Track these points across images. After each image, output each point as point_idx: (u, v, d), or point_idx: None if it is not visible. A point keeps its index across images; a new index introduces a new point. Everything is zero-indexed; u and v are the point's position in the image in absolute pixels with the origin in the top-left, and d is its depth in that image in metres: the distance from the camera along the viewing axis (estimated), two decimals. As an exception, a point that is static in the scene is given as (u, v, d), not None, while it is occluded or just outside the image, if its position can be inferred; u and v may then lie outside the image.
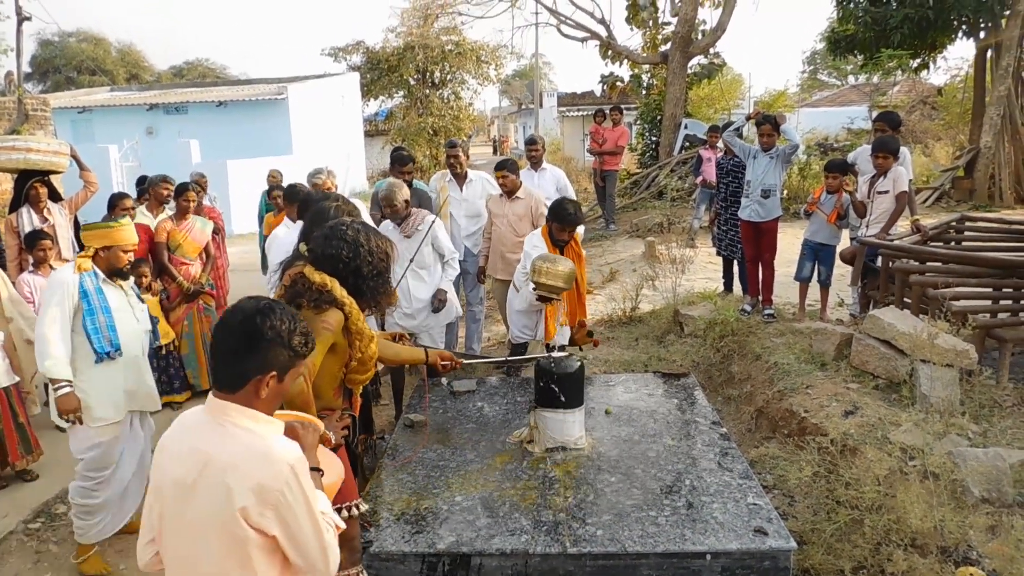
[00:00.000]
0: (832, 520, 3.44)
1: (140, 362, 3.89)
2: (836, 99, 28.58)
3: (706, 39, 15.31)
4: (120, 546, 4.10)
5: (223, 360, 1.83)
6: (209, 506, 1.75)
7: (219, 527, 1.75)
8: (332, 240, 2.80)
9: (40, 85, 38.11)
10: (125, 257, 3.82)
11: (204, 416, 1.86)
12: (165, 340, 5.93)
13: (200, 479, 1.76)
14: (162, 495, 1.85)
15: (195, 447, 1.80)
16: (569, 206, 4.76)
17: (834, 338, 5.12)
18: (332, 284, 2.73)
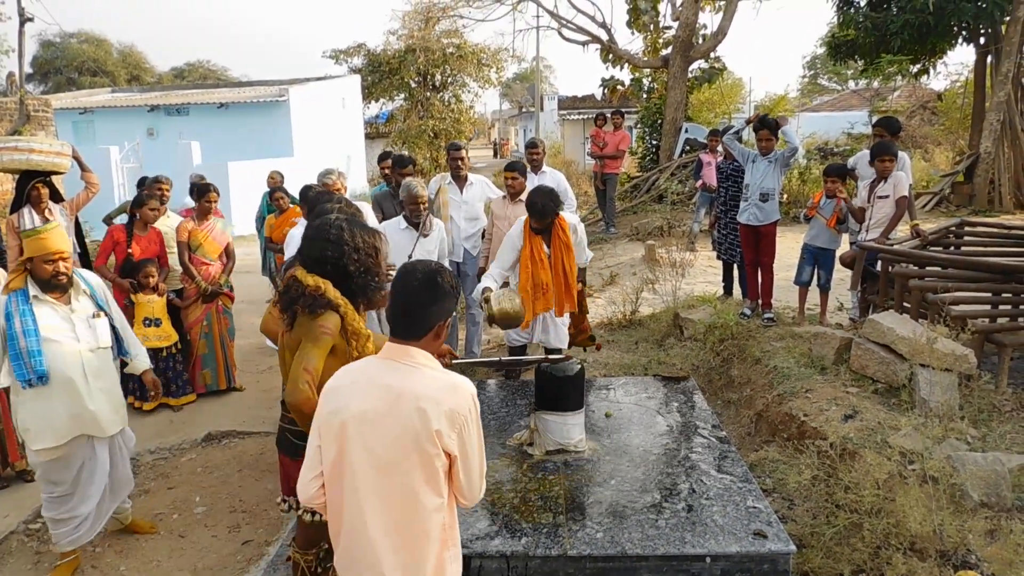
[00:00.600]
0: (831, 524, 3.45)
1: (80, 386, 3.51)
2: (836, 104, 28.63)
3: (707, 43, 15.36)
4: (120, 547, 4.12)
5: (410, 312, 2.10)
6: (404, 430, 2.00)
7: (414, 447, 2.01)
8: (316, 241, 2.77)
9: (41, 86, 38.16)
10: (50, 268, 3.48)
11: (386, 360, 2.11)
12: (167, 343, 5.94)
13: (393, 409, 2.01)
14: (344, 431, 2.06)
15: (385, 384, 2.05)
16: (537, 199, 4.82)
17: (834, 342, 5.13)
18: (325, 286, 2.70)
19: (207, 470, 5.04)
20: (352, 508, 2.09)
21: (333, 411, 2.10)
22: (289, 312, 2.74)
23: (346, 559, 2.14)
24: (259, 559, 3.92)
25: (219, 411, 6.04)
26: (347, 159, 21.30)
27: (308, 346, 2.63)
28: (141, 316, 5.85)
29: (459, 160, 6.29)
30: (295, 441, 2.78)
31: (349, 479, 2.08)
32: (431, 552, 2.09)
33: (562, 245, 4.94)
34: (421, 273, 2.12)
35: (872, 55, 13.08)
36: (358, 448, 2.05)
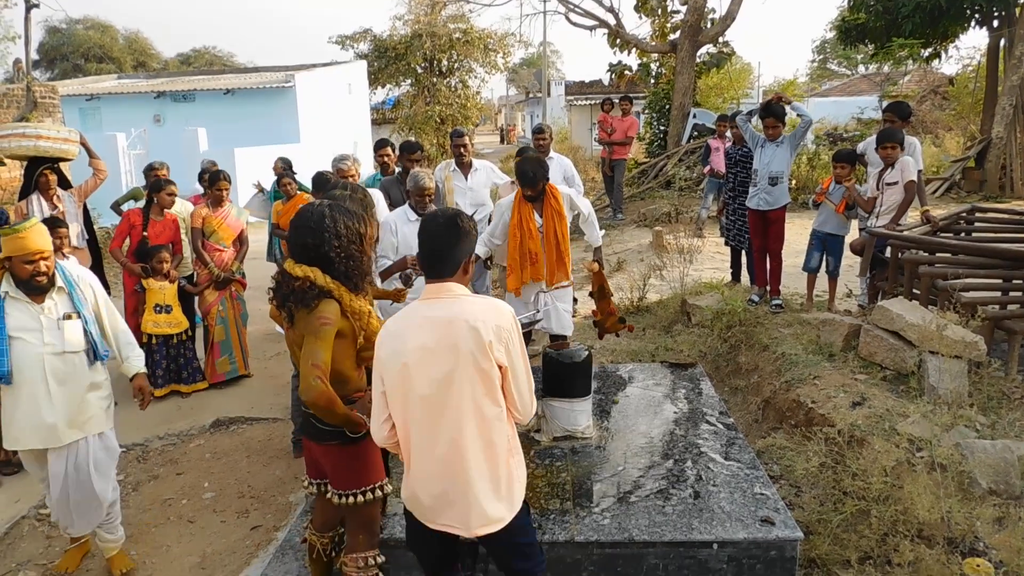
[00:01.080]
0: (839, 510, 3.44)
1: (39, 391, 3.29)
2: (846, 89, 28.40)
3: (715, 28, 15.23)
4: (130, 531, 4.14)
5: (441, 254, 2.38)
6: (462, 350, 2.27)
7: (472, 363, 2.28)
8: (300, 227, 2.75)
9: (48, 72, 38.15)
10: (30, 268, 3.25)
11: (429, 299, 2.37)
12: (177, 330, 5.97)
13: (449, 334, 2.29)
14: (406, 368, 2.31)
15: (435, 316, 2.32)
16: (527, 167, 4.84)
17: (842, 329, 5.11)
18: (314, 274, 2.68)
19: (215, 456, 5.07)
20: (426, 433, 2.34)
21: (391, 354, 2.34)
22: (285, 309, 2.74)
23: (426, 483, 2.39)
24: (268, 544, 3.95)
25: (227, 397, 6.06)
26: (354, 145, 21.24)
27: (311, 340, 2.63)
28: (152, 302, 5.88)
29: (462, 147, 6.27)
30: (319, 426, 2.80)
31: (420, 407, 2.33)
32: (501, 459, 2.39)
33: (554, 213, 4.91)
34: (442, 218, 2.42)
35: (883, 39, 12.96)
36: (423, 377, 2.30)
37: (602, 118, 11.90)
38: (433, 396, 2.32)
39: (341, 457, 2.84)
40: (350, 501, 2.84)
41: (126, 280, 6.12)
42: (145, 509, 4.42)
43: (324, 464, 2.93)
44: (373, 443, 2.87)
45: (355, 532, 2.92)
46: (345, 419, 2.68)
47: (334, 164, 5.67)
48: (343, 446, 2.80)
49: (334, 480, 2.90)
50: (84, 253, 6.11)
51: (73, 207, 6.03)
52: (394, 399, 2.38)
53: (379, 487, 2.89)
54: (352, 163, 5.66)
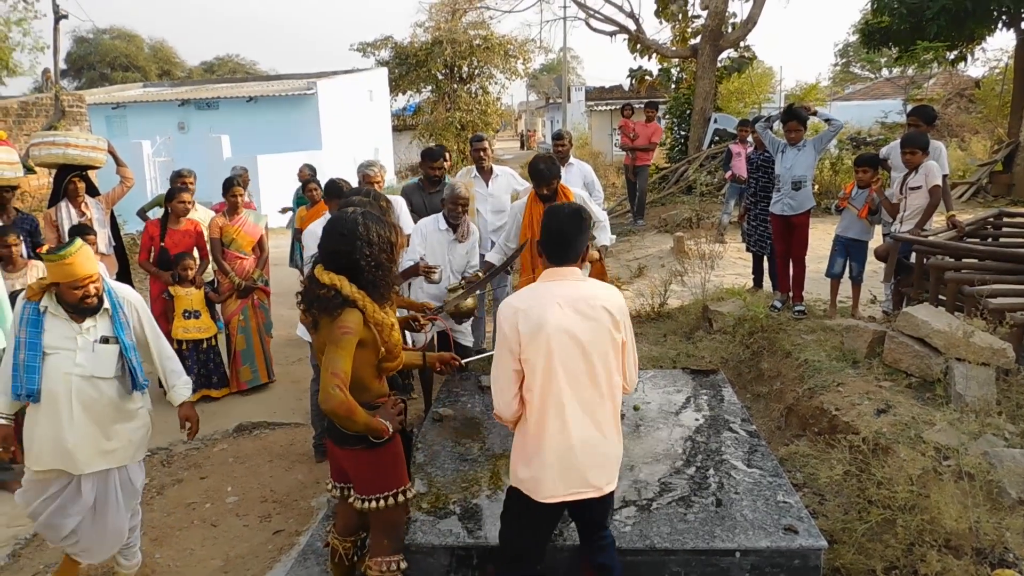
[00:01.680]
0: (864, 519, 3.40)
1: (62, 412, 3.17)
2: (869, 92, 28.12)
3: (736, 32, 15.15)
4: (154, 535, 4.19)
5: (569, 243, 2.64)
6: (600, 326, 2.56)
7: (608, 338, 2.57)
8: (332, 235, 2.76)
9: (75, 82, 38.80)
10: (79, 294, 3.15)
11: (555, 281, 2.61)
12: (207, 335, 6.05)
13: (587, 312, 2.54)
14: (549, 342, 2.51)
15: (569, 295, 2.56)
16: (541, 164, 4.93)
17: (866, 335, 5.05)
18: (340, 283, 2.69)
19: (238, 460, 5.11)
20: (570, 402, 2.54)
21: (534, 329, 2.52)
22: (310, 314, 2.77)
23: (566, 453, 2.56)
24: (290, 548, 3.97)
25: (249, 402, 6.12)
26: (375, 151, 21.40)
27: (332, 350, 2.63)
28: (180, 308, 5.97)
29: (482, 152, 6.27)
30: (344, 431, 2.80)
31: (565, 380, 2.53)
32: (619, 423, 2.71)
33: None
34: (568, 211, 2.68)
35: (907, 42, 12.80)
36: (567, 351, 2.52)
37: (623, 124, 11.81)
38: (578, 369, 2.54)
39: (364, 461, 2.85)
40: (372, 506, 2.85)
41: (152, 286, 6.20)
42: (169, 512, 4.46)
43: (347, 468, 2.94)
44: (397, 448, 2.89)
45: (379, 536, 2.93)
46: (366, 426, 2.68)
47: (360, 170, 5.68)
48: (367, 450, 2.81)
49: (357, 484, 2.92)
50: (111, 260, 6.20)
51: (101, 214, 6.11)
52: (534, 374, 2.54)
53: (402, 492, 2.90)
54: (379, 170, 5.68)
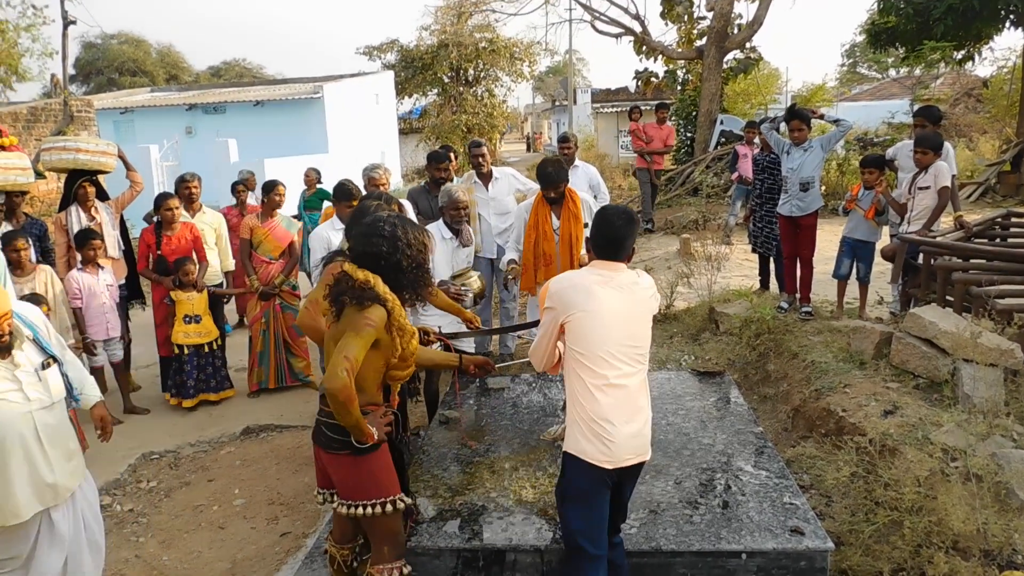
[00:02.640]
0: (871, 521, 3.39)
1: (35, 454, 2.85)
2: (876, 93, 28.04)
3: (742, 33, 15.15)
4: (162, 537, 4.21)
5: (621, 242, 2.86)
6: (646, 308, 2.89)
7: (647, 314, 2.89)
8: (372, 237, 2.82)
9: (83, 87, 38.98)
10: None
11: (606, 272, 2.84)
12: (207, 339, 6.06)
13: (635, 296, 2.83)
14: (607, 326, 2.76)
15: (622, 284, 2.82)
16: (549, 167, 4.99)
17: (873, 336, 5.04)
18: (375, 281, 2.75)
19: (245, 463, 5.13)
20: (626, 377, 2.78)
21: (584, 296, 2.76)
22: (337, 304, 2.79)
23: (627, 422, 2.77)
24: (297, 551, 3.98)
25: (256, 405, 6.14)
26: (381, 155, 21.41)
27: (351, 335, 2.67)
28: (181, 313, 5.97)
29: (480, 157, 6.26)
30: (331, 435, 2.82)
31: (621, 354, 2.77)
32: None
33: (571, 216, 5.04)
34: (622, 214, 2.92)
35: (914, 42, 12.77)
36: (624, 331, 2.78)
37: (634, 127, 11.55)
38: (631, 346, 2.80)
39: (349, 468, 2.85)
40: (356, 512, 2.85)
41: (154, 291, 6.22)
42: (177, 515, 4.48)
43: (332, 473, 2.94)
44: (384, 457, 2.89)
45: (379, 544, 2.93)
46: (356, 423, 2.69)
47: (365, 173, 5.70)
48: (351, 456, 2.81)
49: (340, 490, 2.91)
50: (120, 264, 6.23)
51: (110, 218, 6.15)
52: (592, 340, 2.75)
53: (392, 502, 2.88)
54: (383, 172, 5.69)
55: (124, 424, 5.77)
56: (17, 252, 5.12)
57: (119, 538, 4.23)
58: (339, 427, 2.78)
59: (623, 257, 2.88)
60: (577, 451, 2.78)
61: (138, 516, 4.47)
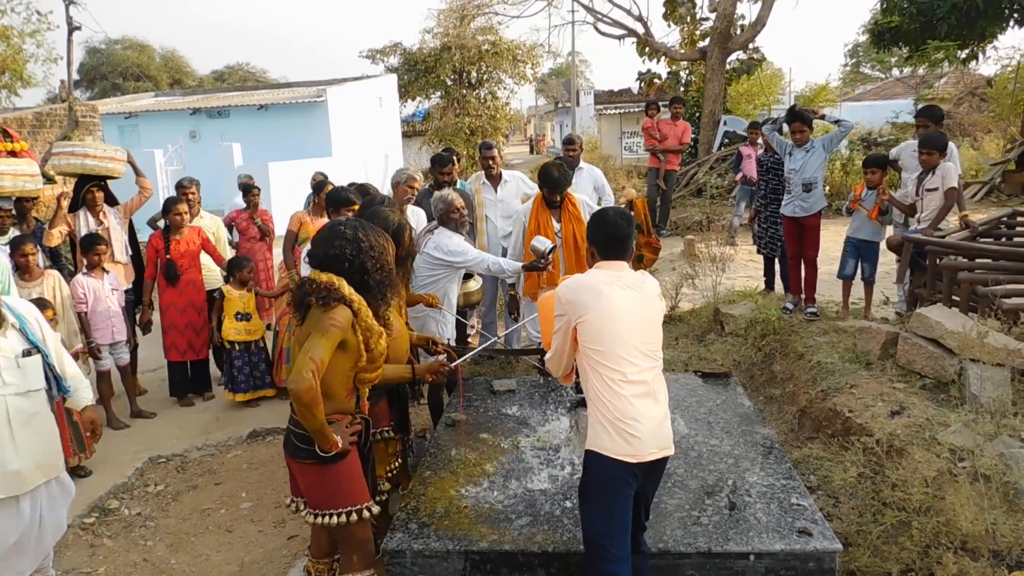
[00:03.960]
0: (878, 522, 3.39)
1: (3, 437, 2.94)
2: (880, 92, 28.01)
3: (745, 34, 15.15)
4: (170, 540, 4.22)
5: (626, 240, 2.90)
6: (657, 307, 2.92)
7: (658, 313, 2.92)
8: (334, 239, 2.83)
9: (88, 92, 39.11)
10: None
11: (615, 272, 2.86)
12: (256, 336, 6.16)
13: (645, 295, 2.87)
14: (620, 317, 2.77)
15: (631, 284, 2.85)
16: (554, 171, 5.00)
17: (879, 337, 5.03)
18: (340, 283, 2.76)
19: (252, 466, 5.14)
20: (645, 374, 2.80)
21: (594, 297, 2.77)
22: (301, 307, 2.79)
23: (650, 417, 2.77)
24: (304, 553, 3.99)
25: (262, 409, 6.15)
26: (385, 158, 21.45)
27: (316, 337, 2.67)
28: (232, 310, 6.09)
29: (490, 159, 6.31)
30: (298, 444, 2.81)
31: (639, 353, 2.79)
32: None
33: (572, 218, 5.09)
34: (622, 214, 2.97)
35: (917, 41, 12.74)
36: (633, 324, 2.79)
37: (648, 124, 10.98)
38: (646, 342, 2.82)
39: (316, 476, 2.84)
40: (324, 521, 2.85)
41: (162, 296, 6.15)
42: (185, 518, 4.49)
43: (300, 482, 2.93)
44: (353, 466, 2.89)
45: (348, 552, 2.93)
46: (320, 428, 2.68)
47: (396, 178, 5.61)
48: (319, 465, 2.81)
49: (308, 499, 2.91)
50: (128, 268, 6.25)
51: (118, 223, 6.17)
52: (601, 340, 2.76)
53: (357, 510, 2.87)
54: (413, 175, 5.56)
55: (131, 428, 5.80)
56: (25, 257, 5.15)
57: (127, 541, 4.24)
58: (307, 436, 2.76)
59: (627, 256, 2.92)
60: (600, 448, 2.76)
61: (146, 520, 4.48)
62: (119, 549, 4.18)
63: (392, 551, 3.14)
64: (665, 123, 10.91)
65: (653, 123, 10.95)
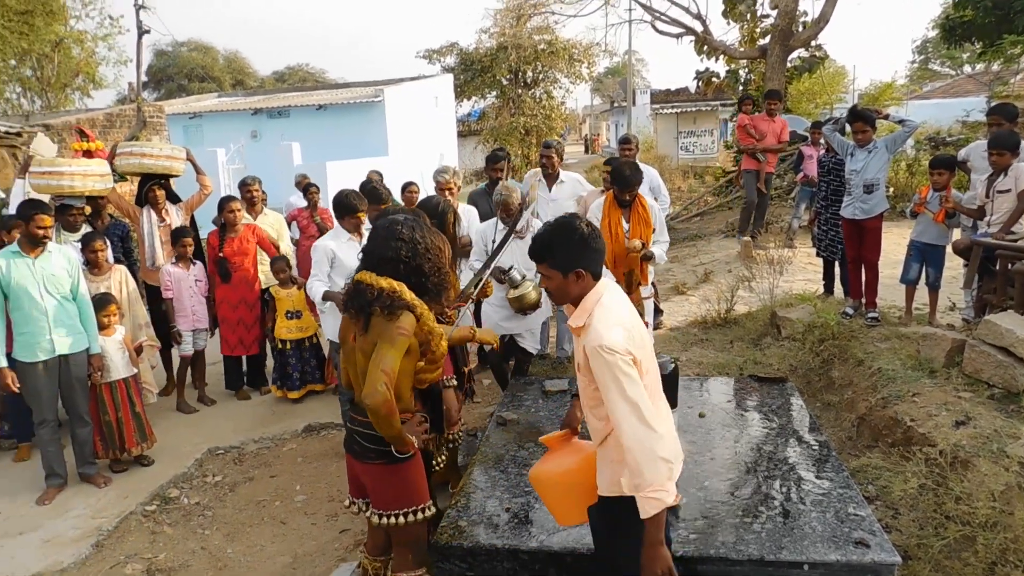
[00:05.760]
0: (941, 536, 3.27)
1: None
2: (950, 90, 27.04)
3: (807, 31, 14.79)
4: (227, 530, 4.33)
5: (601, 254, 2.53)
6: None
7: None
8: (390, 241, 2.78)
9: (155, 93, 40.41)
10: None
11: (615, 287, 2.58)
12: (307, 333, 6.30)
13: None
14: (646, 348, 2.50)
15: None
16: (625, 168, 4.97)
17: (944, 344, 4.86)
18: (401, 289, 2.72)
19: (306, 460, 5.24)
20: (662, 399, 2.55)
21: (641, 334, 2.47)
22: (363, 315, 2.74)
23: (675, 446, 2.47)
24: (355, 548, 4.04)
25: (317, 404, 6.26)
26: (440, 157, 21.62)
27: (386, 348, 2.65)
28: (283, 309, 6.23)
29: (547, 159, 6.33)
30: (365, 444, 2.82)
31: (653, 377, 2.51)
32: None
33: (641, 221, 5.03)
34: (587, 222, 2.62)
35: (992, 36, 12.25)
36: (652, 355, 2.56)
37: (744, 120, 9.88)
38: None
39: (384, 477, 2.85)
40: (390, 522, 2.86)
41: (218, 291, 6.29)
42: (241, 509, 4.61)
43: (366, 483, 2.93)
44: (418, 465, 2.89)
45: (402, 551, 2.94)
46: (398, 435, 2.69)
47: (434, 176, 5.74)
48: (387, 465, 2.81)
49: (375, 500, 2.91)
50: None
51: (180, 220, 6.37)
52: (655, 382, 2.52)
53: (420, 510, 2.89)
54: (451, 176, 5.71)
55: (191, 420, 5.98)
56: (95, 253, 5.37)
57: (186, 530, 4.37)
58: (373, 436, 2.76)
59: None
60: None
61: (204, 509, 4.61)
62: (178, 537, 4.31)
63: (441, 548, 3.16)
64: (761, 119, 9.79)
65: (750, 120, 9.83)
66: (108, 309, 5.01)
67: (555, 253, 2.42)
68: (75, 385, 4.74)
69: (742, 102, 10.45)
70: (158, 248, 6.18)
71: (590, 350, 2.35)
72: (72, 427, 4.87)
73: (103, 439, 4.98)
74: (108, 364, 4.93)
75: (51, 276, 4.57)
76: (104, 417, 4.95)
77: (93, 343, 4.80)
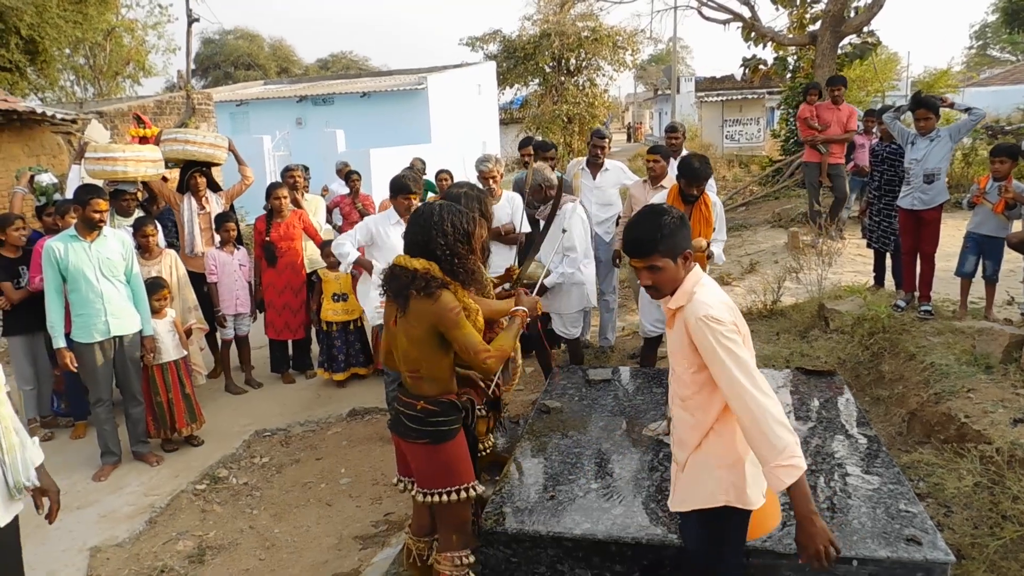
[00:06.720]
0: (996, 535, 3.19)
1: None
2: (1010, 77, 26.11)
3: (860, 16, 14.39)
4: (274, 511, 4.42)
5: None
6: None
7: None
8: (430, 227, 2.83)
9: (202, 80, 41.08)
10: None
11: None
12: (353, 316, 6.36)
13: None
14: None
15: None
16: (695, 161, 4.83)
17: (1002, 339, 4.72)
18: (432, 267, 2.78)
19: (351, 444, 5.31)
20: None
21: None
22: (401, 298, 2.80)
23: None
24: (399, 531, 4.10)
25: (362, 388, 6.34)
26: (483, 144, 21.65)
27: (458, 333, 2.73)
28: (330, 292, 6.32)
29: (599, 149, 6.27)
30: (409, 425, 2.87)
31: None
32: None
33: (703, 219, 4.86)
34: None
35: (1055, 22, 11.80)
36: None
37: (806, 112, 9.31)
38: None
39: (429, 456, 2.88)
40: (435, 500, 2.88)
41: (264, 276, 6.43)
42: (287, 490, 4.69)
43: (411, 461, 2.97)
44: (462, 446, 2.92)
45: (448, 532, 2.96)
46: (514, 341, 2.99)
47: (477, 165, 5.74)
48: (432, 444, 2.85)
49: (419, 478, 2.94)
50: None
51: (219, 208, 6.48)
52: None
53: (465, 489, 2.91)
54: (494, 164, 5.69)
55: (239, 402, 6.11)
56: (146, 237, 5.49)
57: (235, 509, 4.47)
58: (418, 417, 2.83)
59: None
60: (742, 502, 2.43)
61: (252, 489, 4.71)
62: (227, 515, 4.41)
63: (486, 533, 3.18)
64: (826, 108, 9.12)
65: (812, 111, 9.22)
66: (160, 293, 5.13)
67: (663, 241, 2.36)
68: (129, 366, 4.87)
69: (807, 91, 9.72)
70: (197, 235, 6.29)
71: (694, 322, 2.32)
72: (126, 406, 5.01)
73: (155, 419, 5.11)
74: (160, 346, 5.05)
75: (107, 260, 4.69)
76: (156, 398, 5.08)
77: (146, 325, 4.92)
